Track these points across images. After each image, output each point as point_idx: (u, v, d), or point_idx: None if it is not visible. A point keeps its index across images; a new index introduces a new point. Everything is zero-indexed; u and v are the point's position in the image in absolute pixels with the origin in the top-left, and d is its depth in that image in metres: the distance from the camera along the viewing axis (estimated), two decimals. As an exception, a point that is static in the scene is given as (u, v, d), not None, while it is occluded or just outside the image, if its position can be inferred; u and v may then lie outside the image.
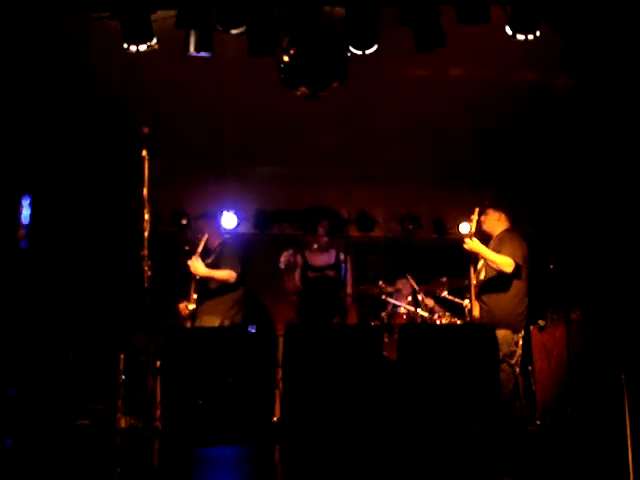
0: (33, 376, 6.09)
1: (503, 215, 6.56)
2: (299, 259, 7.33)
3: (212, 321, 6.64)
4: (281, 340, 6.90)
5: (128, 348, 6.64)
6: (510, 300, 6.29)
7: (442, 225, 8.80)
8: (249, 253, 7.97)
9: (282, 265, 7.11)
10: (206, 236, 6.66)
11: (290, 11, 5.90)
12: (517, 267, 6.21)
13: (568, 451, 5.08)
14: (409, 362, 5.59)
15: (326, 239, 7.29)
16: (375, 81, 6.68)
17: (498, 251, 6.31)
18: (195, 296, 6.66)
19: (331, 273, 7.23)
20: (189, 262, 6.59)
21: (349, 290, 7.33)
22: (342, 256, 7.19)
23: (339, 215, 8.13)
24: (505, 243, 6.37)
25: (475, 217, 6.41)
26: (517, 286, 6.30)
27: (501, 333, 6.08)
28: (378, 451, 5.11)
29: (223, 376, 5.50)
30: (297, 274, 7.33)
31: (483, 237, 6.46)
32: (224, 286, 6.71)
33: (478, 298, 6.43)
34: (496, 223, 6.53)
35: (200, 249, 6.61)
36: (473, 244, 6.28)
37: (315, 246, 7.33)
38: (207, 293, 6.72)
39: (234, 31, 5.79)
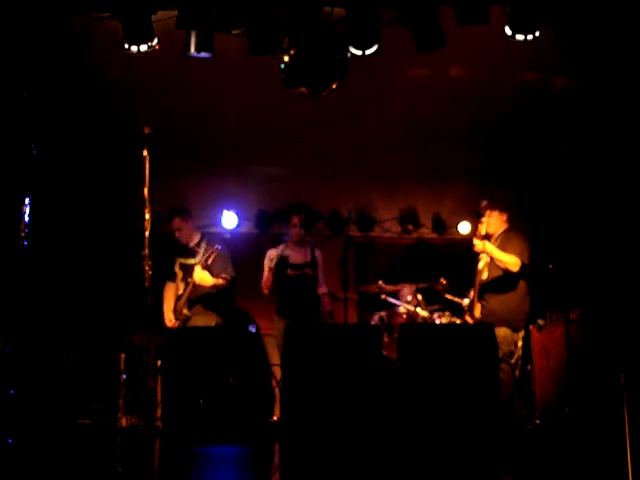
0: (34, 375, 6.10)
1: (506, 215, 6.59)
2: (273, 254, 7.06)
3: (208, 321, 6.65)
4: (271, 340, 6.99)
5: (129, 348, 6.65)
6: (515, 299, 6.35)
7: (442, 225, 8.80)
8: (250, 253, 7.99)
9: (272, 264, 7.00)
10: (217, 250, 6.53)
11: (290, 11, 5.92)
12: (523, 266, 6.26)
13: (567, 450, 5.08)
14: (409, 362, 5.60)
15: (302, 231, 7.08)
16: (375, 81, 6.69)
17: (502, 250, 6.34)
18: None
19: (309, 271, 7.07)
20: (194, 273, 6.52)
21: (324, 289, 7.14)
22: (317, 253, 7.09)
23: (339, 214, 8.14)
24: (512, 242, 6.40)
25: (487, 218, 6.44)
26: (522, 285, 6.36)
27: (501, 332, 6.10)
28: (378, 450, 5.11)
29: (223, 376, 5.50)
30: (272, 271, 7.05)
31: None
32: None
33: (480, 298, 6.45)
34: (501, 223, 6.56)
35: (205, 261, 6.53)
36: (484, 245, 6.32)
37: (286, 237, 7.19)
38: (201, 295, 6.71)
39: (234, 31, 5.81)
